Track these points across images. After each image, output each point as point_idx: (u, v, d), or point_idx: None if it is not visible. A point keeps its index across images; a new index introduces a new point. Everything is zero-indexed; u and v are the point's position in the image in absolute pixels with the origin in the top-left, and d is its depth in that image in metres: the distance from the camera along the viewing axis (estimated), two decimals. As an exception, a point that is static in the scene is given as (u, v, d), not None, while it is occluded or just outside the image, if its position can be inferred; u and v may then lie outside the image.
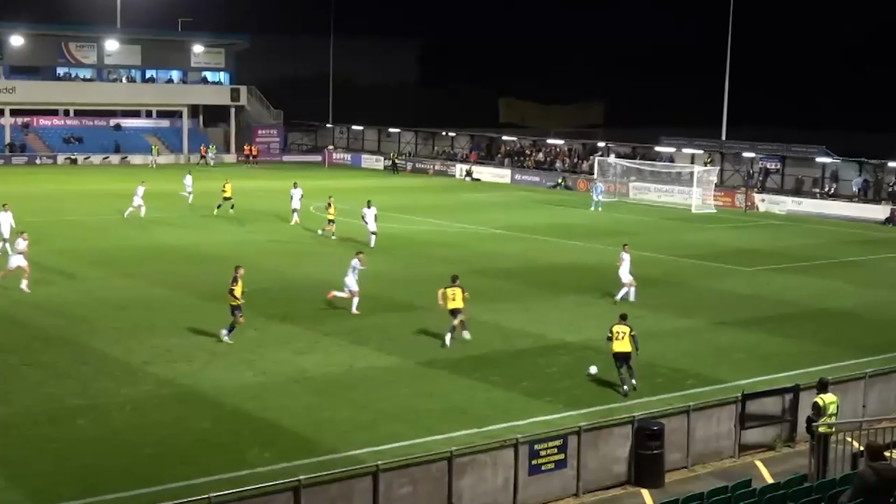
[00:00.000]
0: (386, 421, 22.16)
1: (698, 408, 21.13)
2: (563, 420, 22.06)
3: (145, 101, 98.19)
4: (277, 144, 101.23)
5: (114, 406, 22.73)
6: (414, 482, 17.50)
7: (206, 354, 26.96)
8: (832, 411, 19.71)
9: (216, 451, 20.29)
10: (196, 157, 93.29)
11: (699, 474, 20.52)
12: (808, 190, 68.84)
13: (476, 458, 18.25)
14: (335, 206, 47.96)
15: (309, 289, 35.89)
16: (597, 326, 30.74)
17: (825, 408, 19.62)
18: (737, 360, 28.02)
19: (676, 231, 54.54)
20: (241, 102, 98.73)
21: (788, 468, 20.28)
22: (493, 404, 23.51)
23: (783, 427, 22.22)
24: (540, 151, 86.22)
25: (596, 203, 63.53)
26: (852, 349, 29.23)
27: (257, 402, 23.22)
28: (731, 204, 67.95)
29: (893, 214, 61.33)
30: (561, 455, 19.04)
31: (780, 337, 30.66)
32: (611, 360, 24.68)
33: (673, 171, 70.89)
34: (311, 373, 25.57)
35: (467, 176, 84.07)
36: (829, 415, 19.67)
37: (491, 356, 27.55)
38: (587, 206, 64.32)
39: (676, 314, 33.16)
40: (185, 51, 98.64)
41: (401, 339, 28.65)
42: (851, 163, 68.44)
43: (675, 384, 25.44)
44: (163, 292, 34.83)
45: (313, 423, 21.96)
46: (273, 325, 30.42)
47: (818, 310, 34.81)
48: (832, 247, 49.91)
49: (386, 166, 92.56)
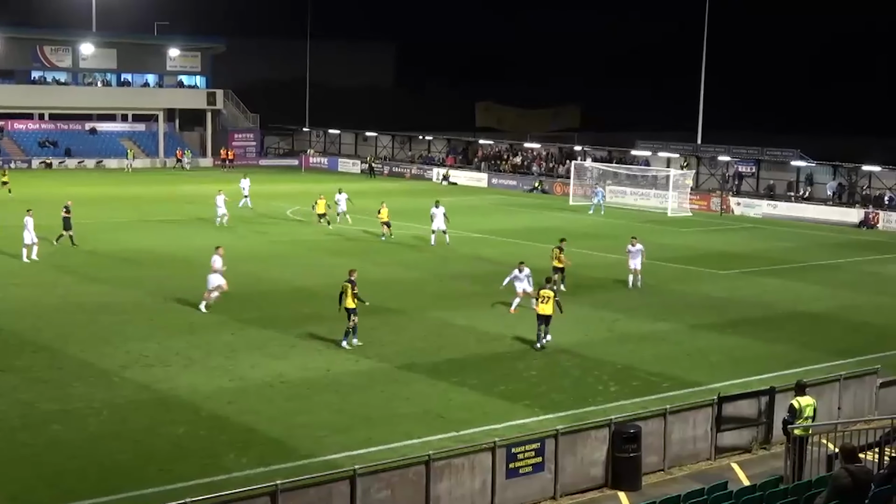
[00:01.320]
0: (363, 425, 22.13)
1: (675, 410, 21.18)
2: (541, 423, 22.09)
3: (121, 105, 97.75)
4: (254, 148, 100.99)
5: (89, 411, 22.61)
6: (391, 486, 17.48)
7: (182, 359, 26.86)
8: (808, 414, 19.81)
9: (192, 456, 20.20)
10: (172, 161, 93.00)
11: (676, 477, 20.57)
12: (782, 193, 69.22)
13: (453, 461, 18.24)
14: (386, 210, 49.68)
15: (285, 293, 35.85)
16: (574, 330, 30.86)
17: (801, 410, 19.74)
18: (713, 362, 28.13)
19: (652, 234, 54.62)
20: (217, 106, 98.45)
21: (764, 470, 20.37)
22: (470, 408, 23.51)
23: (759, 429, 22.30)
24: (517, 155, 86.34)
25: (596, 207, 63.82)
26: (827, 352, 29.38)
27: (234, 406, 23.15)
28: (707, 207, 68.23)
29: (867, 217, 61.74)
30: (538, 458, 19.06)
31: (756, 340, 30.79)
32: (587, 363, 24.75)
33: (649, 175, 71.14)
34: (288, 377, 25.51)
35: (444, 180, 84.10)
36: (805, 417, 19.77)
37: (468, 360, 27.56)
38: (564, 209, 64.41)
39: (653, 317, 33.25)
40: (161, 55, 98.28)
41: (378, 343, 28.62)
42: (826, 166, 68.89)
43: (652, 387, 25.51)
44: (138, 297, 34.68)
45: (290, 427, 21.91)
46: (249, 329, 30.34)
47: (793, 313, 34.98)
48: (807, 250, 50.18)
49: (363, 170, 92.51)
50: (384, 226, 49.43)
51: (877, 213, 61.96)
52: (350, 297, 27.99)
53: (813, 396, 20.49)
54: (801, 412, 19.72)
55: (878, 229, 60.69)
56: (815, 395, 22.45)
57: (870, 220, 61.59)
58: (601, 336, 30.62)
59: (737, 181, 71.62)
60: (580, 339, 30.06)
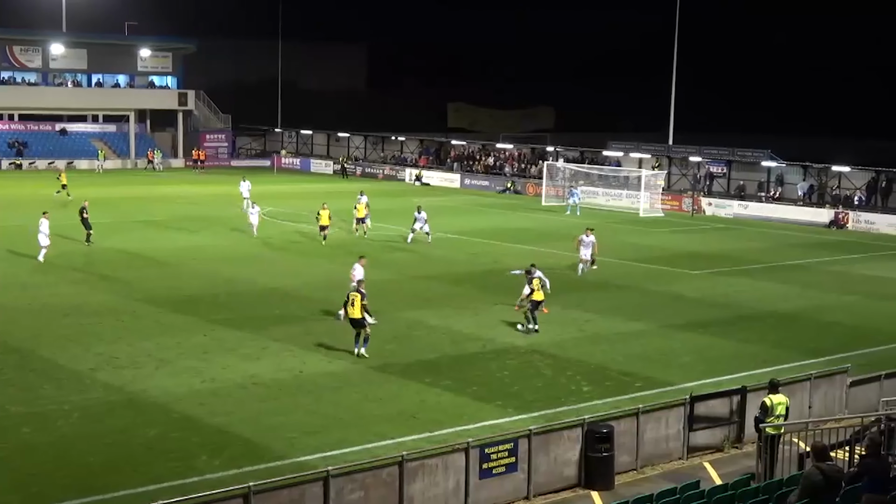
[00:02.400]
0: (336, 426, 22.10)
1: (647, 410, 21.27)
2: (514, 424, 22.12)
3: (91, 106, 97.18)
4: (226, 149, 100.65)
5: (60, 414, 22.46)
6: (365, 487, 17.46)
7: (154, 361, 26.74)
8: (779, 412, 19.94)
9: (165, 458, 20.10)
10: (143, 162, 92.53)
11: (648, 476, 20.65)
12: (753, 194, 69.60)
13: (427, 462, 18.25)
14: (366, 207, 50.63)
15: (258, 294, 35.74)
16: (545, 330, 30.93)
17: (772, 408, 19.89)
18: (685, 362, 28.25)
19: (624, 235, 54.85)
20: (188, 107, 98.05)
21: (736, 469, 20.50)
22: (443, 409, 23.52)
23: (731, 428, 22.43)
24: (489, 156, 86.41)
25: (573, 207, 64.01)
26: (798, 351, 29.57)
27: (206, 408, 23.06)
28: (679, 208, 68.53)
29: (837, 218, 62.18)
30: (512, 458, 19.09)
31: (727, 339, 30.96)
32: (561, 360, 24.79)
33: (621, 176, 71.38)
34: (261, 378, 25.43)
35: (417, 180, 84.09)
36: (777, 415, 19.91)
37: (441, 361, 27.57)
38: (536, 209, 64.51)
39: (625, 317, 33.36)
40: (132, 55, 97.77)
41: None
42: (796, 167, 69.33)
43: (625, 387, 25.60)
44: (109, 299, 34.47)
45: (263, 429, 21.85)
46: (222, 330, 30.22)
47: (764, 312, 35.18)
48: (778, 250, 50.47)
49: (335, 171, 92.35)
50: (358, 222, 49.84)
51: (846, 213, 62.41)
52: (358, 309, 27.24)
53: (785, 395, 20.61)
54: (772, 410, 19.87)
55: (847, 229, 61.12)
56: (786, 394, 22.61)
57: (840, 220, 62.02)
58: (574, 336, 30.69)
59: (708, 181, 71.96)
60: (553, 339, 30.13)
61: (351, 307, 27.33)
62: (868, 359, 28.28)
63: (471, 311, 33.63)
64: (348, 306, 27.44)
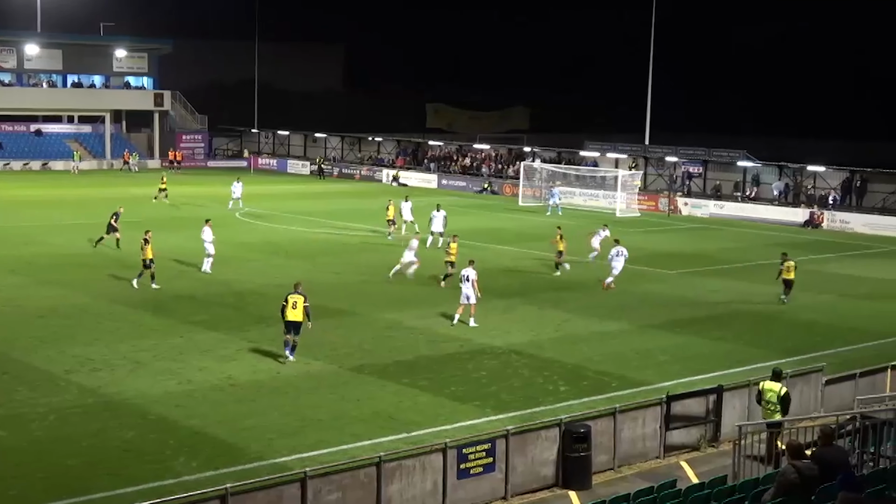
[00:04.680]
0: (313, 427, 22.06)
1: (624, 410, 21.34)
2: (491, 424, 22.15)
3: (67, 107, 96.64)
4: (202, 150, 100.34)
5: (35, 416, 22.33)
6: (342, 488, 17.45)
7: (129, 363, 26.62)
8: (768, 398, 20.68)
9: (141, 460, 20.03)
10: (119, 163, 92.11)
11: (625, 475, 20.71)
12: (729, 194, 69.92)
13: (404, 463, 18.25)
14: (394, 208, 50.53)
15: (234, 295, 35.64)
16: (522, 331, 31.00)
17: (762, 393, 20.87)
18: (662, 362, 28.35)
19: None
20: (164, 107, 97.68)
21: (712, 468, 20.57)
22: (420, 409, 23.52)
23: (707, 427, 22.53)
24: (466, 156, 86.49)
25: (553, 208, 64.15)
26: (773, 350, 29.72)
27: (182, 410, 22.98)
28: (655, 208, 68.77)
29: (812, 217, 62.52)
30: (489, 459, 19.11)
31: (704, 339, 31.09)
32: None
33: (597, 176, 71.55)
34: (237, 380, 25.37)
35: (394, 181, 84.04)
36: (766, 401, 20.72)
37: (418, 361, 27.57)
38: (513, 210, 64.57)
39: (602, 317, 33.44)
40: (108, 55, 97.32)
41: (328, 345, 28.53)
42: (772, 167, 69.69)
43: (601, 387, 25.66)
44: (84, 300, 34.29)
45: (239, 430, 21.79)
46: (198, 332, 30.13)
47: (740, 312, 35.35)
48: (753, 250, 50.69)
49: (312, 171, 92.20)
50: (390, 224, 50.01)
51: (821, 212, 62.77)
52: (301, 311, 26.70)
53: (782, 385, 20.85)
54: (762, 394, 20.81)
55: (822, 229, 61.48)
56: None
57: (815, 219, 62.38)
58: (551, 336, 30.74)
59: (687, 181, 72.23)
60: (530, 339, 30.18)
61: (292, 309, 26.58)
62: (843, 357, 28.47)
63: (448, 311, 33.60)
64: (288, 308, 26.64)
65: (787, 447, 15.62)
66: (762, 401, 20.93)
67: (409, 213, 51.81)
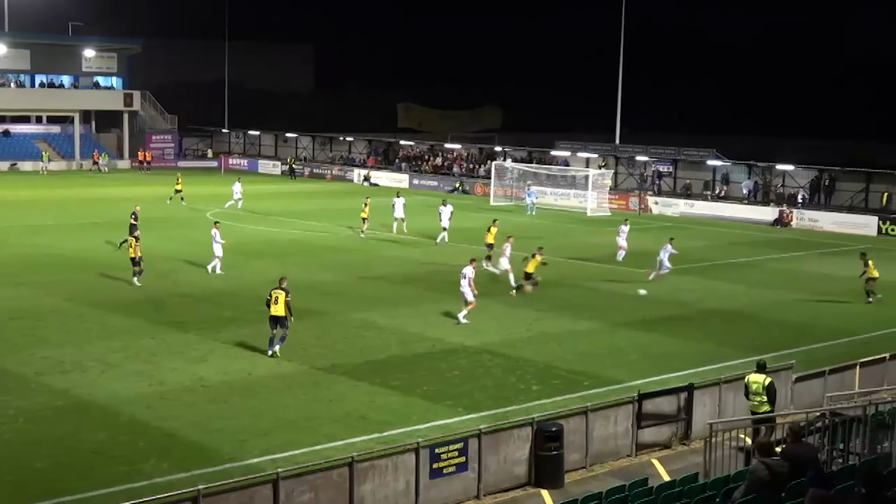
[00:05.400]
0: (284, 428, 22.02)
1: (596, 408, 21.41)
2: (464, 423, 22.17)
3: (35, 107, 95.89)
4: (172, 150, 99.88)
5: (5, 419, 22.17)
6: (315, 489, 17.42)
7: (100, 364, 26.48)
8: (754, 389, 21.08)
9: (112, 462, 19.93)
10: (88, 164, 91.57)
11: (597, 474, 20.78)
12: (699, 192, 70.28)
13: (377, 463, 18.24)
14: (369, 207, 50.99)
15: (205, 296, 35.51)
16: (494, 329, 31.04)
17: (748, 385, 21.25)
18: (633, 360, 28.46)
19: (572, 234, 55.18)
20: (134, 107, 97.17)
21: (684, 466, 20.68)
22: (392, 409, 23.51)
23: (678, 425, 22.65)
24: (437, 156, 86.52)
25: (531, 208, 64.33)
26: (744, 348, 29.89)
27: (153, 411, 22.88)
28: (626, 207, 69.02)
29: (781, 216, 62.94)
30: (462, 458, 19.13)
31: (675, 337, 31.23)
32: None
33: (568, 175, 71.74)
34: (208, 381, 25.28)
35: (365, 181, 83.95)
36: (752, 393, 21.08)
37: (390, 361, 27.56)
38: (485, 209, 64.61)
39: (574, 316, 33.54)
40: (76, 55, 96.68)
41: (299, 346, 28.47)
42: (741, 166, 70.11)
43: (573, 385, 25.74)
44: (54, 302, 34.07)
45: (211, 431, 21.72)
46: (169, 332, 30.00)
47: (711, 310, 35.54)
48: (723, 248, 50.98)
49: (283, 171, 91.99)
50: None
51: (790, 211, 63.21)
52: (282, 306, 27.14)
53: (731, 392, 21.00)
54: (748, 387, 21.21)
55: (791, 227, 61.91)
56: (732, 392, 22.92)
57: (784, 218, 62.81)
58: (523, 335, 30.81)
59: (657, 180, 72.54)
60: (502, 338, 30.23)
61: (274, 304, 27.03)
62: (812, 355, 28.66)
63: (420, 311, 33.64)
64: (271, 304, 27.09)
65: (757, 445, 15.72)
66: (749, 394, 21.24)
67: (401, 210, 52.23)
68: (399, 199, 52.95)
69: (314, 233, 52.16)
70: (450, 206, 49.72)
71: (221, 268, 39.63)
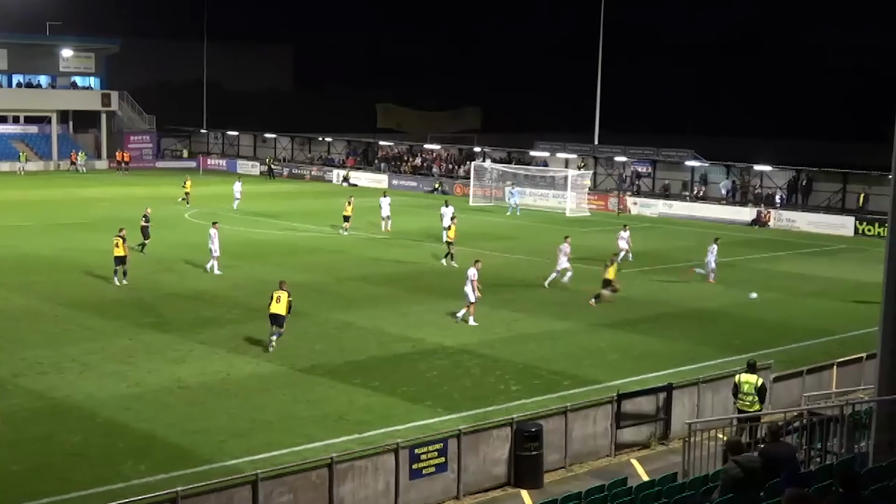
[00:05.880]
0: (263, 429, 21.96)
1: (575, 408, 21.45)
2: (444, 424, 22.17)
3: (12, 107, 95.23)
4: (150, 150, 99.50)
5: (-19, 421, 22.05)
6: (294, 490, 17.39)
7: (78, 365, 26.35)
8: (745, 390, 21.04)
9: (90, 464, 19.83)
10: (66, 164, 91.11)
11: (577, 474, 20.81)
12: (678, 193, 70.49)
13: (356, 463, 18.22)
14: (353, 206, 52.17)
15: (183, 296, 35.37)
16: (475, 330, 31.04)
17: (739, 385, 21.18)
18: (612, 360, 28.52)
19: (551, 234, 55.09)
20: (112, 108, 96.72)
21: (663, 465, 20.73)
22: (372, 410, 23.49)
23: (657, 425, 22.71)
24: (417, 157, 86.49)
25: (513, 208, 64.39)
26: (722, 348, 30.01)
27: (131, 413, 22.78)
28: (605, 207, 69.14)
29: (759, 216, 63.21)
30: (441, 459, 19.13)
31: (653, 337, 31.31)
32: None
33: (547, 176, 71.83)
34: (187, 382, 25.19)
35: (344, 181, 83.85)
36: (744, 393, 21.05)
37: (370, 362, 27.53)
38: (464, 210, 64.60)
39: (553, 316, 33.57)
40: (54, 55, 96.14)
41: (278, 347, 28.39)
42: (719, 166, 70.36)
43: (553, 385, 25.77)
44: (32, 303, 33.89)
45: (190, 433, 21.64)
46: (147, 333, 29.88)
47: (689, 310, 35.64)
48: (702, 248, 50.76)
49: (262, 172, 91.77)
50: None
51: (768, 211, 63.49)
52: (284, 305, 27.78)
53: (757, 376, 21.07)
54: (739, 387, 21.14)
55: (769, 227, 62.18)
56: (710, 392, 23.01)
57: (762, 218, 63.08)
58: (502, 335, 30.82)
59: (636, 181, 72.70)
60: (481, 338, 30.23)
61: (276, 303, 27.79)
62: (790, 355, 28.79)
63: (400, 311, 33.62)
64: (273, 302, 27.88)
65: (727, 444, 15.82)
66: (739, 393, 21.19)
67: (387, 209, 53.51)
68: (385, 199, 54.06)
69: (293, 233, 52.03)
70: (451, 208, 50.20)
71: (219, 268, 39.70)
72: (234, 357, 27.50)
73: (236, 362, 27.03)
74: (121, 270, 37.13)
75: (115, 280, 36.95)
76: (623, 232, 46.26)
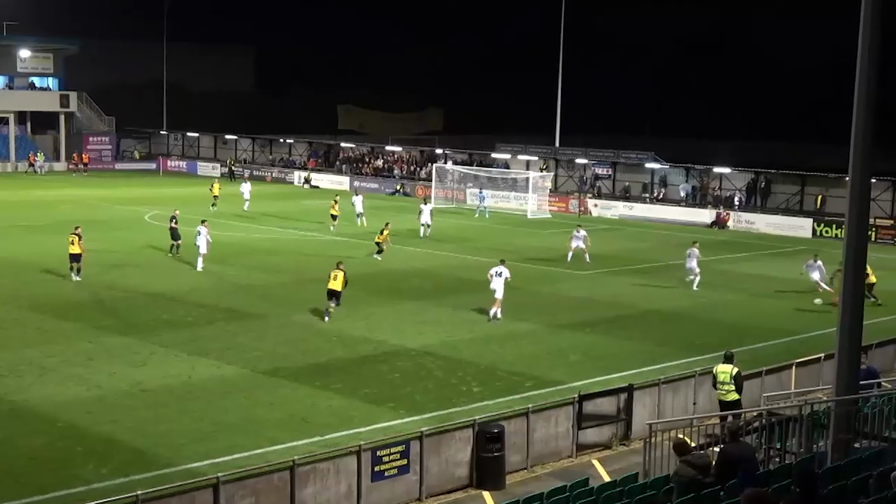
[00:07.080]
0: (225, 432, 21.88)
1: (537, 409, 21.53)
2: (406, 426, 22.19)
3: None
4: (110, 152, 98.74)
5: (-62, 425, 21.83)
6: (256, 493, 17.34)
7: (36, 369, 26.13)
8: (721, 379, 21.92)
9: (50, 468, 19.67)
10: (24, 166, 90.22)
11: (539, 475, 20.89)
12: (638, 195, 70.88)
13: (318, 466, 18.20)
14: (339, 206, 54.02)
15: (144, 299, 35.15)
16: (435, 332, 31.10)
17: (715, 376, 22.04)
18: (573, 361, 28.65)
19: (513, 236, 55.36)
20: (70, 109, 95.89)
21: (624, 466, 20.85)
22: (334, 412, 23.47)
23: (619, 426, 22.83)
24: (378, 158, 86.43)
25: (481, 211, 64.48)
26: (683, 348, 30.22)
27: (91, 416, 22.62)
28: (566, 209, 69.38)
29: (719, 218, 63.67)
30: (403, 461, 19.15)
31: (614, 338, 31.48)
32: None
33: (509, 178, 72.00)
34: (147, 385, 25.04)
35: (306, 183, 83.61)
36: (720, 382, 21.90)
37: (332, 364, 27.49)
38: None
39: (514, 318, 33.64)
40: (11, 55, 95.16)
41: (240, 349, 28.32)
42: (679, 168, 70.82)
43: (515, 387, 25.84)
44: (-10, 306, 33.57)
45: (151, 436, 21.52)
46: (107, 336, 29.67)
47: (650, 311, 35.85)
48: (662, 250, 51.42)
49: (223, 174, 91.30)
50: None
51: (728, 213, 63.97)
52: (340, 282, 31.59)
53: (669, 393, 21.25)
54: (715, 377, 22.04)
55: (728, 229, 62.65)
56: (670, 392, 23.18)
57: (721, 220, 63.54)
58: (464, 337, 30.88)
59: (596, 182, 73.00)
60: (443, 340, 30.27)
61: (333, 280, 31.70)
62: (750, 355, 28.98)
63: (362, 313, 33.58)
64: (330, 280, 31.80)
65: (674, 447, 15.96)
66: (716, 383, 21.99)
67: (360, 206, 56.22)
68: (358, 198, 57.19)
69: (253, 235, 51.83)
70: (430, 205, 52.96)
71: (202, 266, 40.50)
72: (195, 360, 27.37)
73: (197, 365, 26.90)
74: (76, 267, 37.55)
75: (73, 275, 37.09)
76: (577, 232, 46.68)
